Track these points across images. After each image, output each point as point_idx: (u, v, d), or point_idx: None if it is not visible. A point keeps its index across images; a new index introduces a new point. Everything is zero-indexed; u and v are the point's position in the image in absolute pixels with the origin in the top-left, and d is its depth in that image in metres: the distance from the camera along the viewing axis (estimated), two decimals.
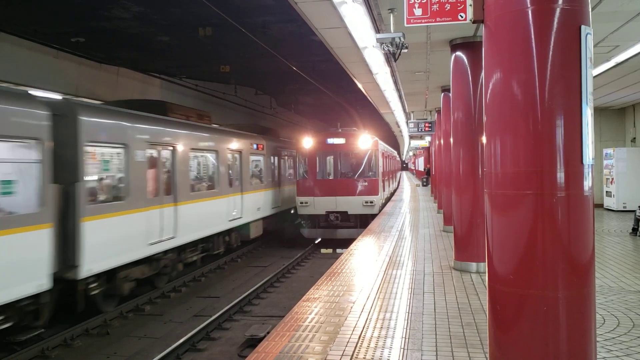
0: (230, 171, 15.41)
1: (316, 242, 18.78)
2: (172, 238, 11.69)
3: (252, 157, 17.64)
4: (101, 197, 9.73)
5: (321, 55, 16.46)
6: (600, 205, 18.30)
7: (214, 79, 22.65)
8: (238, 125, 18.99)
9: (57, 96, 11.96)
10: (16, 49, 13.34)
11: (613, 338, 5.58)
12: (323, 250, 17.68)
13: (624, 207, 17.20)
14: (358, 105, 29.65)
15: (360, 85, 14.25)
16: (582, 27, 3.38)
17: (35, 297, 7.91)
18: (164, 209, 11.41)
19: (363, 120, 29.14)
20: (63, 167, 8.56)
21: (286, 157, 21.69)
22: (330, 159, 19.80)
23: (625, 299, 7.06)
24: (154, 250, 11.02)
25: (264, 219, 18.22)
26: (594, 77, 3.68)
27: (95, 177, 9.69)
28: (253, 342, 8.10)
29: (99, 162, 9.84)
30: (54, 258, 8.18)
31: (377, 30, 7.80)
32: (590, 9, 3.50)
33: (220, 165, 14.55)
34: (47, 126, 8.10)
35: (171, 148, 12.03)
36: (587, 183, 3.43)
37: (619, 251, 10.54)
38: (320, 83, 21.81)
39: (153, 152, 11.33)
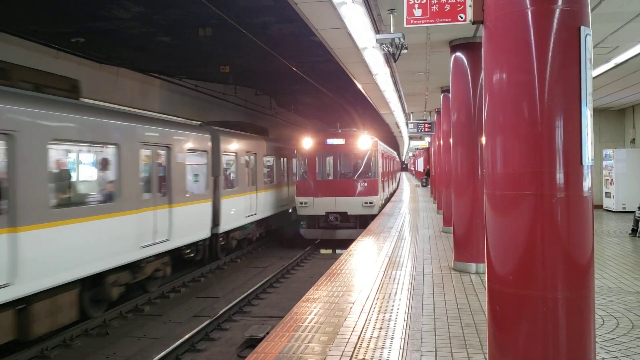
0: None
1: (316, 242, 18.76)
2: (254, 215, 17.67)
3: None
4: (228, 185, 15.54)
5: (321, 55, 16.45)
6: (599, 206, 18.31)
7: (214, 80, 22.64)
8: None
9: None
10: (16, 48, 13.34)
11: (612, 339, 5.59)
12: (323, 251, 17.67)
13: (624, 208, 17.21)
14: (358, 106, 29.62)
15: (360, 86, 14.25)
16: (582, 27, 3.39)
17: (203, 241, 13.93)
18: (257, 194, 17.90)
19: (363, 121, 29.12)
20: (214, 166, 14.35)
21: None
22: (329, 160, 19.79)
23: (624, 299, 7.06)
24: (251, 220, 17.40)
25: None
26: (594, 78, 3.69)
27: (227, 173, 15.71)
28: (252, 343, 8.10)
29: (226, 164, 15.68)
30: (211, 220, 14.02)
31: (377, 30, 7.80)
32: (589, 10, 3.50)
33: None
34: (209, 144, 14.29)
35: (254, 154, 17.86)
36: (587, 184, 3.44)
37: (618, 252, 10.54)
38: (320, 83, 21.81)
39: (246, 158, 17.15)
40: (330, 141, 19.02)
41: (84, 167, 10.25)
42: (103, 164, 10.01)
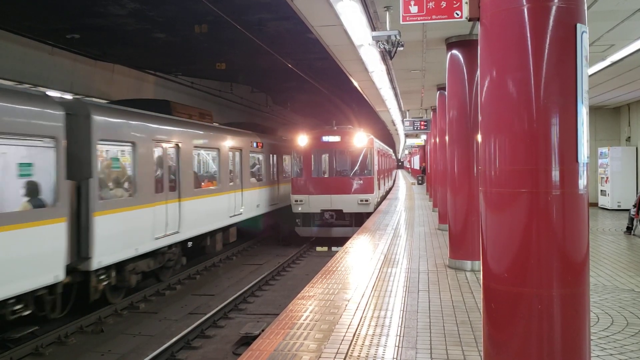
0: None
1: (311, 240, 18.73)
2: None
3: None
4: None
5: (317, 53, 16.45)
6: (594, 204, 18.36)
7: (210, 77, 22.60)
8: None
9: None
10: (11, 45, 13.28)
11: (607, 336, 5.60)
12: (318, 248, 17.61)
13: (619, 206, 17.26)
14: (354, 104, 29.64)
15: (356, 83, 14.23)
16: (578, 25, 3.38)
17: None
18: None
19: (359, 119, 29.15)
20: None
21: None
22: (325, 157, 19.75)
23: (619, 297, 7.09)
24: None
25: None
26: (589, 76, 3.68)
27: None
28: (248, 340, 8.11)
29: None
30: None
31: (373, 28, 7.78)
32: (585, 8, 3.50)
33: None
34: None
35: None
36: (582, 182, 3.43)
37: (613, 250, 10.58)
38: (316, 81, 21.78)
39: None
40: (325, 138, 18.94)
41: (208, 163, 16.12)
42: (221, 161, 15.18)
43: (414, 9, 4.95)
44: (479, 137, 3.89)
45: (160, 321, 9.95)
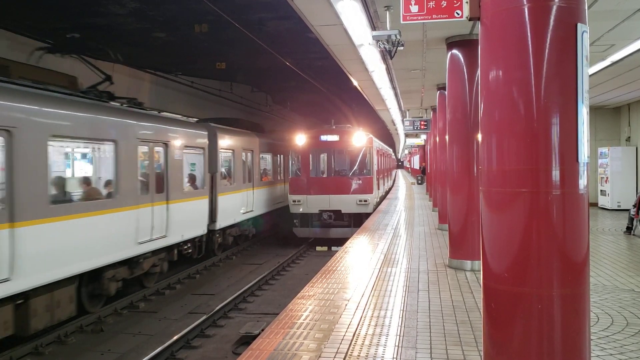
0: None
1: (309, 241, 18.61)
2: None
3: None
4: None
5: (317, 52, 16.42)
6: (594, 204, 18.37)
7: (210, 76, 22.58)
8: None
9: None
10: (10, 44, 13.26)
11: (607, 336, 5.60)
12: (318, 248, 17.57)
13: (619, 205, 17.26)
14: (354, 103, 29.63)
15: (356, 83, 14.23)
16: (579, 25, 3.37)
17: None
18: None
19: (359, 118, 29.10)
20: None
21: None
22: (323, 156, 19.56)
23: (619, 297, 7.09)
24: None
25: None
26: (590, 76, 3.67)
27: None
28: (247, 340, 8.10)
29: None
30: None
31: (373, 27, 7.78)
32: (586, 7, 3.49)
33: None
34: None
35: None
36: (583, 181, 3.43)
37: (613, 250, 10.58)
38: (316, 80, 21.77)
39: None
40: (324, 137, 18.72)
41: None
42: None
43: (414, 9, 4.95)
44: (479, 137, 3.88)
45: (160, 320, 9.94)
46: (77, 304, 9.03)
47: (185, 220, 12.60)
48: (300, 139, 18.53)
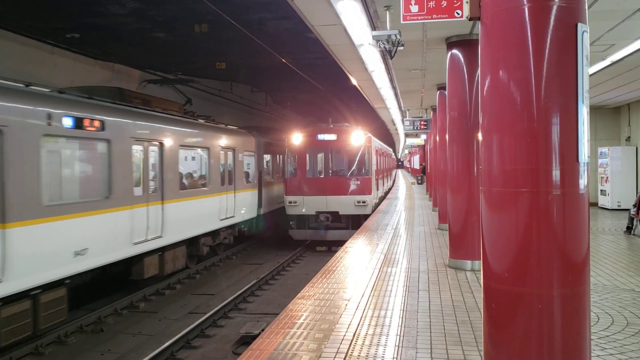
0: None
1: (306, 243, 18.15)
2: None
3: None
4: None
5: (317, 52, 16.41)
6: (595, 204, 18.37)
7: (210, 76, 22.58)
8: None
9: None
10: (10, 44, 13.26)
11: (607, 336, 5.60)
12: (318, 248, 17.45)
13: (619, 205, 17.27)
14: (354, 103, 29.62)
15: (356, 83, 14.23)
16: (579, 24, 3.37)
17: None
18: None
19: (358, 118, 29.10)
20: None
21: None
22: (320, 156, 19.22)
23: (619, 297, 7.09)
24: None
25: None
26: (590, 76, 3.67)
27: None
28: (247, 340, 8.10)
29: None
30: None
31: (373, 27, 7.78)
32: (586, 7, 3.49)
33: None
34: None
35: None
36: (583, 181, 3.43)
37: (613, 250, 10.58)
38: (316, 80, 21.76)
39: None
40: (321, 137, 18.19)
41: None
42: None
43: (414, 8, 4.95)
44: (480, 137, 3.88)
45: (160, 321, 9.94)
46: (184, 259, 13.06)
47: (245, 205, 16.99)
48: (296, 137, 18.00)
